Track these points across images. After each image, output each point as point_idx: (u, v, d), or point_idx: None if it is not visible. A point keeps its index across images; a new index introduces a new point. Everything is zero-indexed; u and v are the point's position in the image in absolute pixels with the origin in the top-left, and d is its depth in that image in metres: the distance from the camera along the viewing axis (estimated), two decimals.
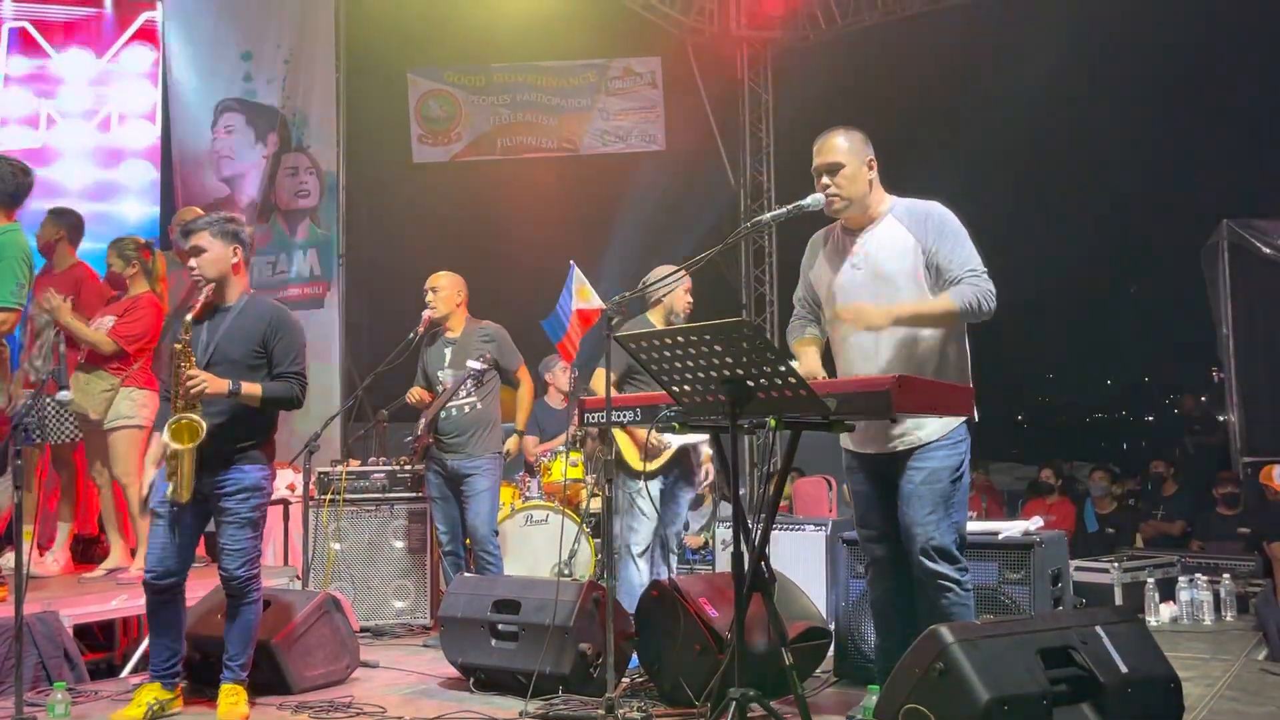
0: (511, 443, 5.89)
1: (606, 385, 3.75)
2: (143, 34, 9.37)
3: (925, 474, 3.55)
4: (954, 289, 3.51)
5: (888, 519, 3.69)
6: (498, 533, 5.69)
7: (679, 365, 3.20)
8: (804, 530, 5.94)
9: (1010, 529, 4.60)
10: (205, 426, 3.84)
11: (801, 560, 5.77)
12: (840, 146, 3.64)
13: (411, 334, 5.77)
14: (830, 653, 4.66)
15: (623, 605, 4.56)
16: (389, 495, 6.15)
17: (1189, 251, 9.38)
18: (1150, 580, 6.23)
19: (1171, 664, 3.46)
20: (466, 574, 5.30)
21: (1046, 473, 9.61)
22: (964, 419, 3.59)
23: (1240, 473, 8.56)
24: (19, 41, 9.03)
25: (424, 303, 5.75)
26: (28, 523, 5.52)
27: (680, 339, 3.12)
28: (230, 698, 4.04)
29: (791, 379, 3.01)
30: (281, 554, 6.59)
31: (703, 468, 5.41)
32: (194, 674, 4.41)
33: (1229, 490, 8.11)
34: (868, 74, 11.74)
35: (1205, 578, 6.23)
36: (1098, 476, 9.09)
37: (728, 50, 11.76)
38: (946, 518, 3.55)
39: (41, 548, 5.73)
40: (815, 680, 4.53)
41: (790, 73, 11.92)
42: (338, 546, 6.03)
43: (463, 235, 10.62)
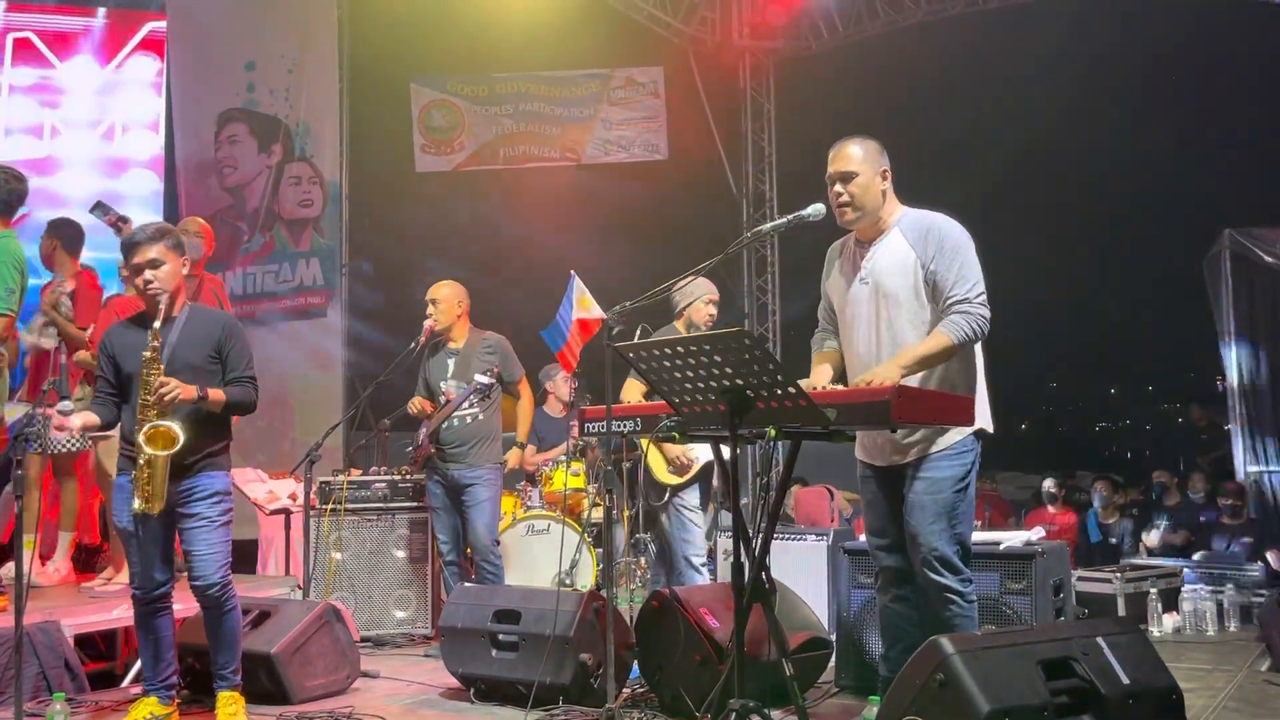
0: (513, 455, 5.88)
1: (608, 396, 3.75)
2: (147, 44, 9.43)
3: (929, 484, 3.55)
4: (947, 323, 3.48)
5: (896, 528, 3.69)
6: (499, 542, 5.68)
7: (679, 375, 3.19)
8: (805, 540, 5.93)
9: (1012, 539, 4.58)
10: (181, 433, 3.81)
11: (803, 570, 5.76)
12: (855, 155, 3.62)
13: (413, 344, 5.77)
14: (831, 663, 4.65)
15: None
16: (390, 505, 6.14)
17: (1192, 260, 9.38)
18: (1153, 590, 6.21)
19: (1174, 675, 3.45)
20: (467, 584, 5.29)
21: (1049, 482, 9.59)
22: (974, 430, 3.58)
23: (1244, 482, 8.54)
24: (23, 52, 9.08)
25: (426, 312, 5.75)
26: (29, 532, 5.53)
27: (680, 349, 3.12)
28: (229, 707, 4.03)
29: (791, 389, 3.01)
30: (283, 563, 6.59)
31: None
32: (193, 684, 4.41)
33: (1232, 501, 8.08)
34: (870, 84, 11.74)
35: (1208, 588, 6.22)
36: (1100, 486, 9.07)
37: (730, 60, 11.79)
38: (950, 528, 3.54)
39: (43, 557, 5.73)
40: (816, 691, 4.53)
41: (792, 82, 11.94)
42: (339, 556, 6.02)
43: (465, 245, 10.63)
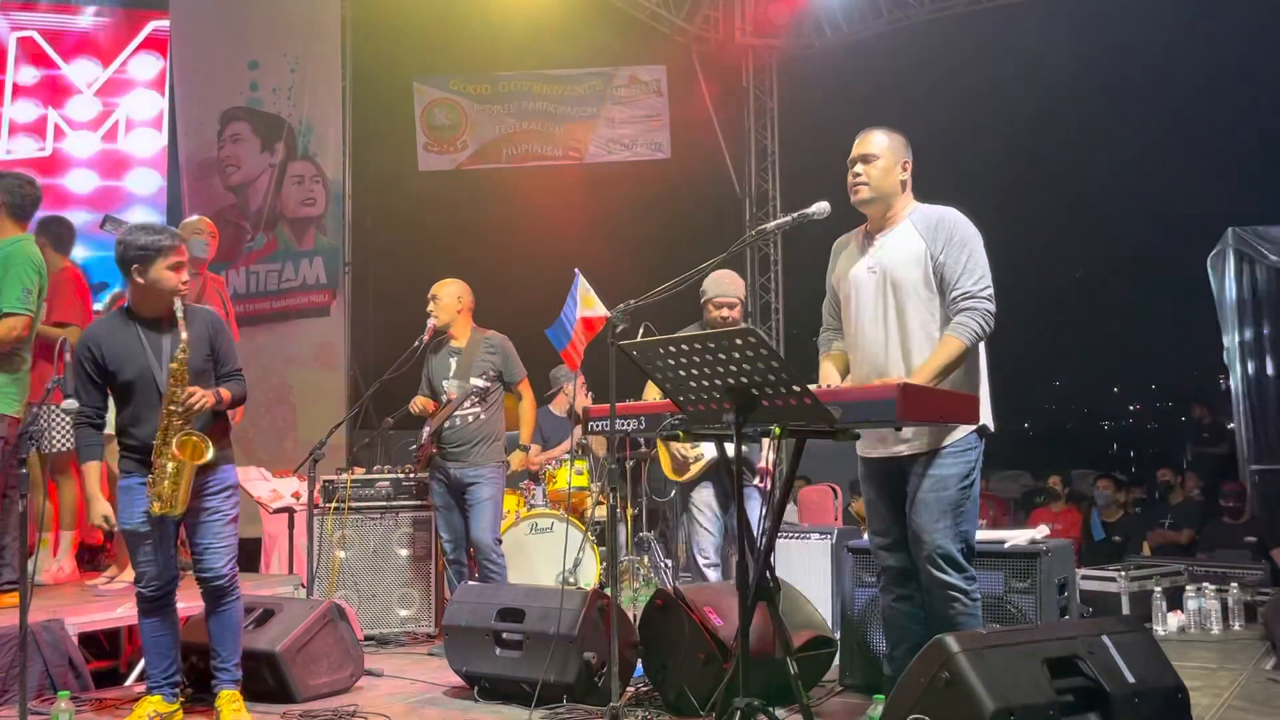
0: (515, 458, 5.88)
1: (611, 394, 3.74)
2: (150, 43, 9.43)
3: (933, 481, 3.55)
4: (955, 326, 3.51)
5: (899, 527, 3.69)
6: (500, 541, 5.68)
7: (683, 374, 3.19)
8: (809, 539, 5.93)
9: (1016, 537, 4.58)
10: (209, 443, 3.89)
11: (807, 569, 5.76)
12: (879, 141, 3.70)
13: (416, 342, 5.77)
14: (836, 662, 4.64)
15: None
16: (394, 503, 6.14)
17: (1196, 259, 9.36)
18: (1157, 589, 6.20)
19: (1179, 674, 3.44)
20: (471, 582, 5.29)
21: (1054, 480, 9.59)
22: (977, 427, 3.58)
23: (1247, 481, 8.53)
24: (27, 52, 9.09)
25: (428, 310, 5.75)
26: (66, 528, 5.55)
27: (685, 347, 3.11)
28: (231, 704, 4.04)
29: (796, 387, 3.00)
30: (286, 562, 6.59)
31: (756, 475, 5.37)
32: (196, 682, 4.41)
33: (1233, 502, 8.08)
34: (872, 82, 11.76)
35: (1213, 587, 6.20)
36: (1102, 485, 9.07)
37: (733, 58, 11.78)
38: (954, 526, 3.54)
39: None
40: (820, 689, 4.52)
41: (795, 80, 11.94)
42: (342, 554, 6.03)
43: (468, 243, 10.63)
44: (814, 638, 4.39)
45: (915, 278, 3.61)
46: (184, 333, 3.92)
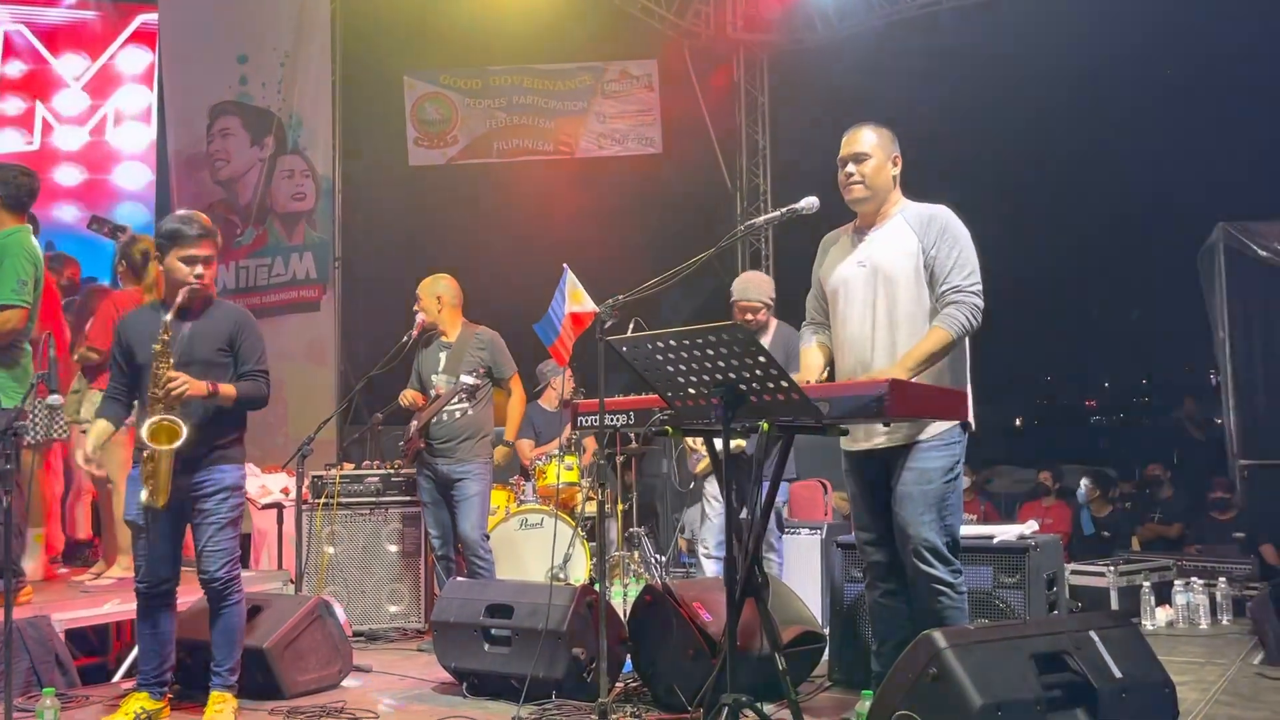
0: (500, 453, 5.87)
1: (600, 389, 3.73)
2: (139, 36, 9.38)
3: (917, 474, 3.55)
4: (943, 318, 3.53)
5: (883, 523, 3.69)
6: (488, 537, 5.67)
7: (670, 369, 3.18)
8: (798, 534, 5.93)
9: (1005, 532, 4.58)
10: (185, 428, 3.80)
11: (796, 564, 5.76)
12: (869, 138, 3.71)
13: (405, 338, 5.76)
14: (825, 657, 4.64)
15: None
16: (383, 499, 6.13)
17: (1185, 253, 9.36)
18: (1146, 584, 6.22)
19: (1166, 668, 3.45)
20: (460, 578, 5.28)
21: (1044, 475, 9.60)
22: (960, 421, 3.59)
23: (1236, 476, 8.55)
24: (14, 45, 9.03)
25: (414, 307, 5.75)
26: (34, 525, 5.52)
27: (672, 342, 3.11)
28: (216, 705, 4.02)
29: (784, 383, 3.00)
30: (275, 558, 6.58)
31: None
32: (185, 678, 4.39)
33: (1220, 495, 8.10)
34: (864, 77, 11.71)
35: (1201, 581, 6.22)
36: (1084, 482, 9.08)
37: (724, 53, 11.76)
38: (939, 519, 3.55)
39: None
40: (809, 685, 4.52)
41: (787, 76, 11.91)
42: (331, 550, 6.01)
43: (459, 238, 10.58)
44: (803, 633, 4.39)
45: (907, 273, 3.62)
46: (169, 315, 3.87)
